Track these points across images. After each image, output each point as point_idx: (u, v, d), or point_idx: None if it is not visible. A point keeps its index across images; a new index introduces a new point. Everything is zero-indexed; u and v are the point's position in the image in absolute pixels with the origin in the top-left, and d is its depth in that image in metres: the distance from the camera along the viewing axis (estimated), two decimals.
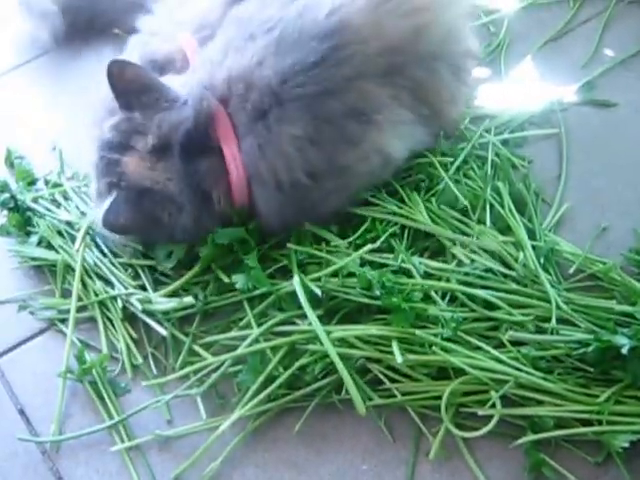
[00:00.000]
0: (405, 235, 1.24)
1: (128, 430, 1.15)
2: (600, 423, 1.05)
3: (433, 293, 1.16)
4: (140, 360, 1.21)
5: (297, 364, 1.12)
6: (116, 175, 1.18)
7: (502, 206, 1.28)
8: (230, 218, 1.21)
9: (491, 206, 1.27)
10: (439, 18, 1.26)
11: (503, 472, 1.07)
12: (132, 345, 1.22)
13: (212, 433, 1.10)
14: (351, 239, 1.22)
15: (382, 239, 1.21)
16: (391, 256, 1.20)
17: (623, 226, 1.30)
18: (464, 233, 1.23)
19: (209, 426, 1.12)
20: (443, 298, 1.17)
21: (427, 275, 1.19)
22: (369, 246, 1.19)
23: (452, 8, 1.31)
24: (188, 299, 1.19)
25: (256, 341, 1.15)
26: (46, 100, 1.67)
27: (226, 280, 1.21)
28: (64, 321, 1.26)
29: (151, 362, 1.21)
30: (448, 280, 1.18)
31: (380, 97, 1.20)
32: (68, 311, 1.25)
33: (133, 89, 1.18)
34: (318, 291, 1.14)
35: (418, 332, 1.10)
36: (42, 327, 1.28)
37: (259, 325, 1.17)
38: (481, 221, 1.26)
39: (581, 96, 1.48)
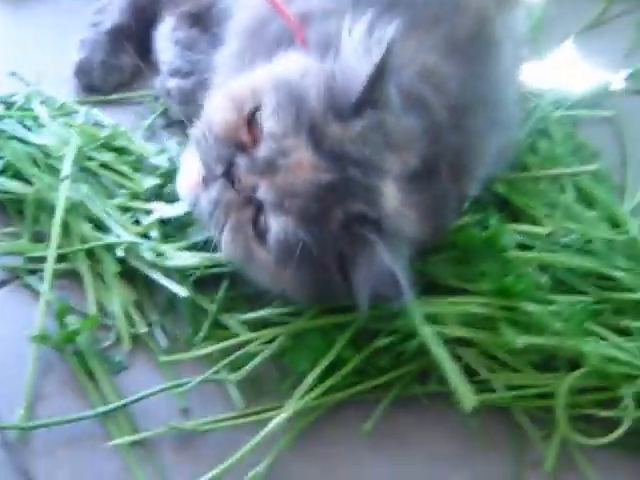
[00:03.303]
0: None
1: (130, 420, 0.84)
2: None
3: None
4: (144, 329, 0.90)
5: (374, 344, 0.86)
6: None
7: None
8: None
9: None
10: None
11: None
12: (132, 309, 0.91)
13: (248, 427, 0.82)
14: None
15: None
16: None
17: None
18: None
19: (249, 419, 0.84)
20: None
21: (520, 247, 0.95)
22: None
23: None
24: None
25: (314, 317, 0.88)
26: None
27: None
28: (33, 272, 0.95)
29: (157, 332, 0.91)
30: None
31: None
32: (39, 260, 0.95)
33: None
34: None
35: (532, 308, 0.86)
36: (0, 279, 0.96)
37: None
38: None
39: (631, 84, 1.32)
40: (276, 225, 0.75)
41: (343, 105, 0.77)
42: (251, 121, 0.79)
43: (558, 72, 1.31)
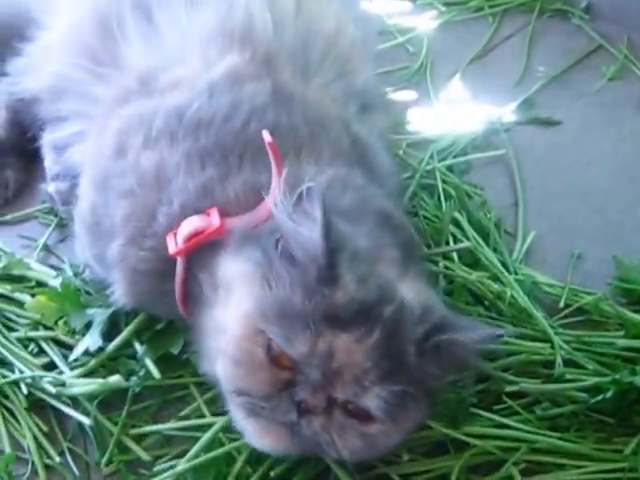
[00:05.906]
0: None
1: None
2: None
3: None
4: (56, 459, 0.95)
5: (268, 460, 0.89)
6: None
7: (466, 239, 1.12)
8: None
9: (454, 239, 1.12)
10: None
11: None
12: (44, 440, 0.96)
13: None
14: None
15: None
16: None
17: (597, 252, 1.16)
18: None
19: None
20: None
21: None
22: None
23: None
24: (115, 378, 0.95)
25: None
26: None
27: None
28: None
29: (69, 460, 0.95)
30: None
31: None
32: None
33: None
34: None
35: None
36: None
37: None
38: (447, 257, 1.09)
39: (521, 115, 1.36)
40: (376, 400, 0.76)
41: (326, 270, 0.75)
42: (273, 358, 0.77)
43: (447, 115, 1.35)
